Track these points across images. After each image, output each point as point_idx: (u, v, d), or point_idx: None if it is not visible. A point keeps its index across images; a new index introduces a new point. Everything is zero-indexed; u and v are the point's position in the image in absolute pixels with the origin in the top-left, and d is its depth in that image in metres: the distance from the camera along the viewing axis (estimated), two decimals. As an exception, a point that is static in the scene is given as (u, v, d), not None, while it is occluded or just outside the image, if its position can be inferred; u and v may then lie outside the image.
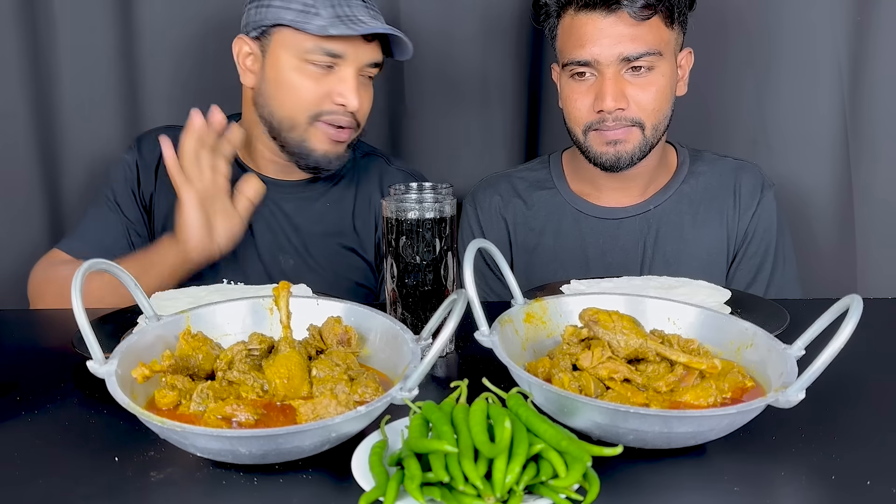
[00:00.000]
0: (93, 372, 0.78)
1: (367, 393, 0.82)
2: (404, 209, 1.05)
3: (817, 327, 0.83)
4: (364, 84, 1.43)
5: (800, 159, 1.79)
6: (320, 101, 1.40)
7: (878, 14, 1.72)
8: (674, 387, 0.85)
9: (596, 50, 1.37)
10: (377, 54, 1.42)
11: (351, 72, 1.39)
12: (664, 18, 1.38)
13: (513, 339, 0.90)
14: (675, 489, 0.74)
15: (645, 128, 1.41)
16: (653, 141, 1.44)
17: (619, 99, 1.37)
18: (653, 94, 1.39)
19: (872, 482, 0.73)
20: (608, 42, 1.36)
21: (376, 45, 1.42)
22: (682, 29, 1.45)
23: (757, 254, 1.52)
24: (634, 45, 1.36)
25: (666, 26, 1.39)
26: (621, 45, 1.36)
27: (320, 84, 1.39)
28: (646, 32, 1.37)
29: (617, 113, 1.39)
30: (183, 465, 0.77)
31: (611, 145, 1.42)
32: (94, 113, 1.77)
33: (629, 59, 1.37)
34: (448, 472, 0.67)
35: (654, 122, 1.41)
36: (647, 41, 1.37)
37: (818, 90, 1.76)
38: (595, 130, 1.42)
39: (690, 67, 1.49)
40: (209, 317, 0.94)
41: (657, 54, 1.38)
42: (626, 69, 1.38)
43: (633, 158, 1.43)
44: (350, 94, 1.38)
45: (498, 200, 1.59)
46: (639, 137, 1.42)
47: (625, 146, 1.42)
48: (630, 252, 1.52)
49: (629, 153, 1.42)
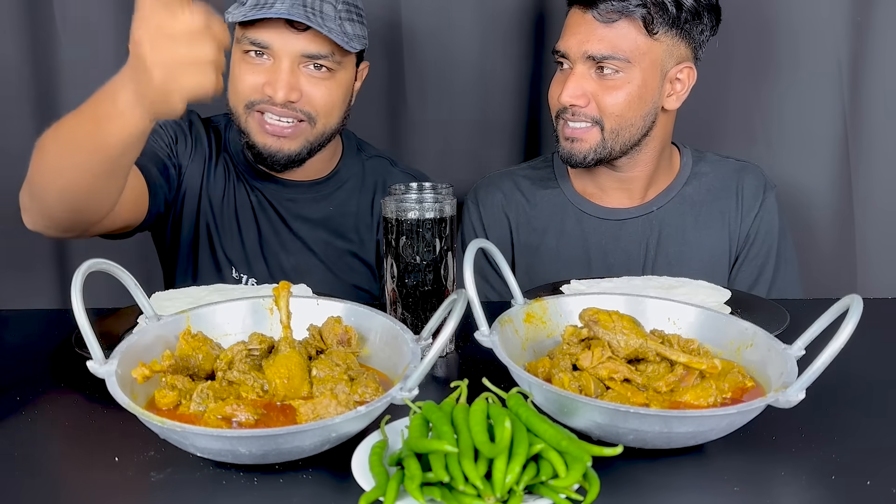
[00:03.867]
0: (93, 372, 0.78)
1: (367, 393, 0.82)
2: (404, 209, 1.05)
3: (817, 327, 0.83)
4: (314, 76, 1.37)
5: (800, 159, 1.79)
6: (253, 92, 1.37)
7: (878, 14, 1.72)
8: (674, 387, 0.85)
9: (569, 42, 1.40)
10: (313, 44, 1.35)
11: (283, 64, 1.35)
12: (641, 27, 1.36)
13: (513, 339, 0.90)
14: (675, 489, 0.74)
15: (604, 129, 1.41)
16: (612, 146, 1.42)
17: (578, 96, 1.39)
18: (616, 97, 1.38)
19: (872, 482, 0.73)
20: (577, 38, 1.39)
21: (312, 35, 1.34)
22: (682, 42, 1.40)
23: (759, 255, 1.52)
24: (600, 46, 1.36)
25: (645, 35, 1.36)
26: (588, 44, 1.37)
27: (255, 75, 1.37)
28: (615, 36, 1.36)
29: (575, 108, 1.40)
30: (183, 465, 0.77)
31: (568, 141, 1.43)
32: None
33: (594, 59, 1.37)
34: (448, 472, 0.67)
35: (613, 125, 1.40)
36: (615, 45, 1.36)
37: (818, 90, 1.76)
38: (563, 120, 1.43)
39: (692, 84, 1.45)
40: (209, 317, 0.94)
41: (624, 60, 1.36)
42: (594, 68, 1.39)
43: (587, 158, 1.43)
44: (277, 84, 1.34)
45: (501, 198, 1.59)
46: (597, 138, 1.41)
47: (581, 145, 1.42)
48: (632, 253, 1.52)
49: (583, 152, 1.42)
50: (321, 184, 1.54)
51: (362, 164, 1.58)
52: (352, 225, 1.55)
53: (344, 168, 1.56)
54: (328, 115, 1.41)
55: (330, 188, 1.54)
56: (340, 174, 1.55)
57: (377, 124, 1.84)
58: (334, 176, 1.55)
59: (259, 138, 1.40)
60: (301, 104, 1.37)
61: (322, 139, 1.43)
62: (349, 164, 1.57)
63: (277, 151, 1.40)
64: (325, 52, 1.36)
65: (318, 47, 1.35)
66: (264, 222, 1.52)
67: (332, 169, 1.55)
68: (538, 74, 1.83)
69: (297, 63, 1.36)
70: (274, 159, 1.41)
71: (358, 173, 1.57)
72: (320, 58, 1.36)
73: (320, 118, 1.40)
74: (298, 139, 1.40)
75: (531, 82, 1.83)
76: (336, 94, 1.41)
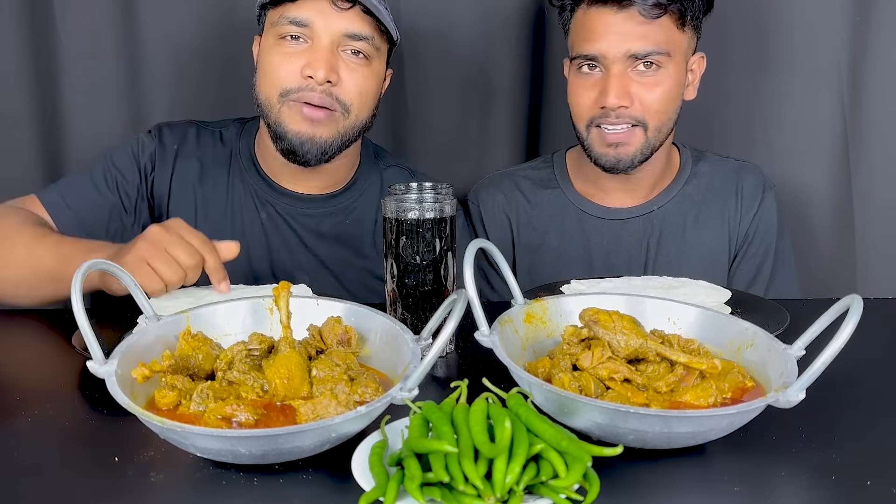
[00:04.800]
0: (93, 372, 0.78)
1: (367, 393, 0.82)
2: (404, 209, 1.04)
3: (817, 327, 0.83)
4: (351, 63, 1.33)
5: (800, 159, 1.80)
6: (291, 77, 1.32)
7: (878, 14, 1.72)
8: (674, 387, 0.85)
9: (604, 45, 1.37)
10: (355, 24, 1.32)
11: (323, 42, 1.31)
12: (676, 19, 1.37)
13: (513, 339, 0.90)
14: (675, 489, 0.74)
15: (647, 128, 1.40)
16: (655, 144, 1.42)
17: (623, 96, 1.36)
18: (658, 94, 1.38)
19: (872, 482, 0.73)
20: (616, 38, 1.36)
21: (355, 13, 1.31)
22: (695, 33, 1.43)
23: (757, 254, 1.52)
24: (642, 43, 1.35)
25: (677, 28, 1.38)
26: (629, 42, 1.35)
27: (293, 60, 1.32)
28: (655, 31, 1.36)
29: (620, 110, 1.38)
30: (183, 465, 0.77)
31: (611, 147, 1.41)
32: (96, 113, 1.77)
33: (636, 57, 1.36)
34: (448, 472, 0.67)
35: (656, 123, 1.40)
36: (656, 40, 1.36)
37: (818, 90, 1.76)
38: (597, 127, 1.41)
39: (702, 72, 1.48)
40: (209, 317, 0.94)
41: (665, 54, 1.37)
42: (633, 67, 1.37)
43: (634, 161, 1.42)
44: (317, 64, 1.29)
45: (501, 198, 1.59)
46: (641, 139, 1.40)
47: (626, 149, 1.41)
48: (633, 253, 1.52)
49: (629, 156, 1.41)
50: (337, 196, 1.47)
51: (380, 173, 1.52)
52: (369, 238, 1.48)
53: (361, 178, 1.49)
54: (361, 105, 1.36)
55: (346, 201, 1.47)
56: (357, 185, 1.49)
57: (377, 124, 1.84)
58: (351, 187, 1.48)
59: (293, 126, 1.33)
60: (337, 91, 1.32)
61: (353, 133, 1.38)
62: (366, 174, 1.50)
63: (310, 139, 1.33)
64: (367, 33, 1.33)
65: (360, 27, 1.32)
66: (276, 240, 1.44)
67: (350, 179, 1.48)
68: (539, 74, 1.83)
69: (337, 45, 1.32)
70: (305, 148, 1.34)
71: (376, 184, 1.50)
72: (362, 39, 1.32)
73: (354, 108, 1.35)
74: (331, 127, 1.34)
75: (532, 82, 1.83)
76: (371, 84, 1.37)
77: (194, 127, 1.48)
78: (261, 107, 1.37)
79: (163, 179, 1.43)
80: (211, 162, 1.45)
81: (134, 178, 1.42)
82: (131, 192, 1.42)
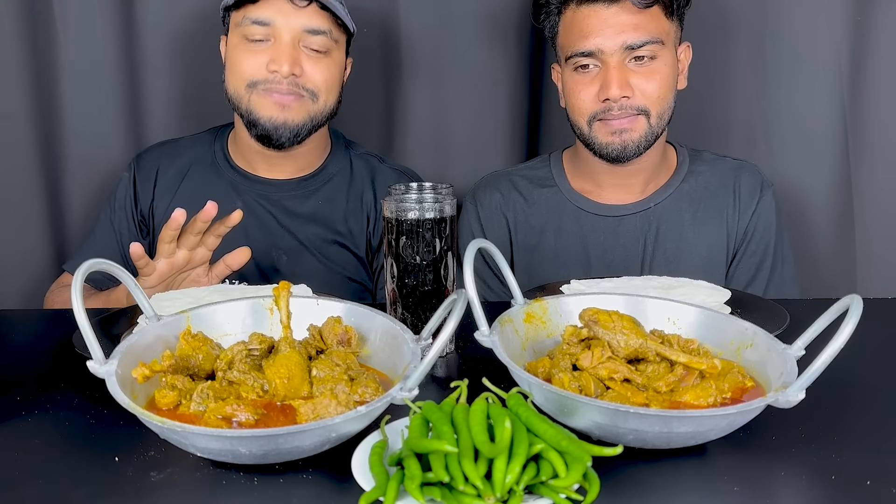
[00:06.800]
0: (93, 372, 0.78)
1: (367, 393, 0.82)
2: (404, 209, 1.04)
3: (817, 327, 0.83)
4: (314, 56, 1.44)
5: (799, 159, 1.80)
6: (257, 71, 1.43)
7: (878, 14, 1.72)
8: (674, 387, 0.85)
9: (599, 40, 1.39)
10: (313, 20, 1.43)
11: (284, 39, 1.41)
12: (664, 9, 1.41)
13: (513, 339, 0.90)
14: (675, 489, 0.74)
15: (650, 115, 1.42)
16: (657, 130, 1.45)
17: (625, 87, 1.39)
18: (657, 81, 1.41)
19: (872, 482, 0.73)
20: (611, 32, 1.39)
21: (313, 10, 1.42)
22: (680, 23, 1.47)
23: (756, 253, 1.52)
24: (637, 34, 1.38)
25: (666, 17, 1.42)
26: (625, 34, 1.38)
27: (258, 56, 1.42)
28: (648, 21, 1.39)
29: (622, 101, 1.40)
30: (183, 465, 0.77)
31: (616, 135, 1.43)
32: (96, 114, 1.77)
33: (632, 48, 1.39)
34: (448, 472, 0.67)
35: (658, 110, 1.43)
36: (650, 30, 1.39)
37: (818, 90, 1.76)
38: (600, 121, 1.43)
39: (689, 62, 1.51)
40: (209, 317, 0.94)
41: (659, 43, 1.40)
42: (630, 58, 1.40)
43: (640, 148, 1.44)
44: (281, 59, 1.40)
45: (499, 198, 1.59)
46: (644, 126, 1.43)
47: (631, 135, 1.43)
48: (630, 250, 1.52)
49: (635, 142, 1.43)
50: (308, 180, 1.57)
51: (350, 160, 1.62)
52: (341, 217, 1.58)
53: (331, 164, 1.60)
54: (328, 91, 1.47)
55: (317, 183, 1.58)
56: (328, 169, 1.59)
57: (375, 124, 1.85)
58: (322, 171, 1.59)
59: (265, 112, 1.44)
60: (303, 81, 1.43)
61: (321, 118, 1.48)
62: (336, 161, 1.61)
63: (282, 124, 1.45)
64: (325, 27, 1.43)
65: (318, 22, 1.43)
66: (252, 222, 1.52)
67: (320, 165, 1.59)
68: (537, 73, 1.83)
69: (298, 40, 1.42)
70: (279, 132, 1.45)
71: (345, 168, 1.61)
72: (320, 33, 1.43)
73: (321, 94, 1.46)
74: (301, 112, 1.45)
75: (530, 81, 1.83)
76: (334, 72, 1.47)
77: (168, 143, 1.63)
78: (231, 100, 1.48)
79: (148, 198, 1.58)
80: (188, 166, 1.58)
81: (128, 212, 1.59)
82: (131, 225, 1.59)
